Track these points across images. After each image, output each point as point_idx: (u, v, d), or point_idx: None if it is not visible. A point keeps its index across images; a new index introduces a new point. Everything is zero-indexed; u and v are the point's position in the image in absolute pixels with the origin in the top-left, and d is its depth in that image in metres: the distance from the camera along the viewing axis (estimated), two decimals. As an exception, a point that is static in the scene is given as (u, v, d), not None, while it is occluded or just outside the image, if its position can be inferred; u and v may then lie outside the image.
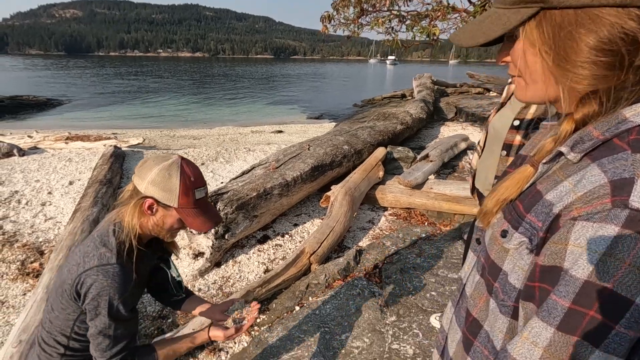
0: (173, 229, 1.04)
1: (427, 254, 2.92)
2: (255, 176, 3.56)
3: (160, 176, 0.98)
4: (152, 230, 1.04)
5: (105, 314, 0.94)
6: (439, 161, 4.47)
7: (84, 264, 0.95)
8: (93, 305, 0.94)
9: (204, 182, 1.06)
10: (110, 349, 0.98)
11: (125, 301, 0.96)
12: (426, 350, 1.95)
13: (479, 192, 1.44)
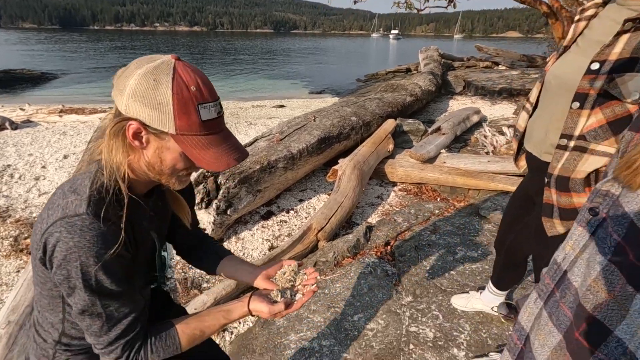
0: (177, 170, 0.71)
1: (442, 231, 2.75)
2: (258, 149, 3.35)
3: (144, 84, 0.63)
4: (149, 173, 0.72)
5: (81, 286, 0.66)
6: (452, 134, 4.24)
7: (47, 219, 0.67)
8: (62, 275, 0.66)
9: (214, 94, 0.70)
10: (107, 332, 0.71)
11: (109, 267, 0.67)
12: (448, 334, 1.80)
13: (531, 157, 1.22)
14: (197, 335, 0.79)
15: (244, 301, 0.83)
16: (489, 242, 2.53)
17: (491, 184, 3.31)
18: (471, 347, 1.72)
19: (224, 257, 0.99)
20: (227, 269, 0.97)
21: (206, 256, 1.00)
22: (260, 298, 0.83)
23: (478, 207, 3.02)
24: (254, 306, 0.82)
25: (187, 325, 0.79)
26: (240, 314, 0.83)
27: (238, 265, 0.96)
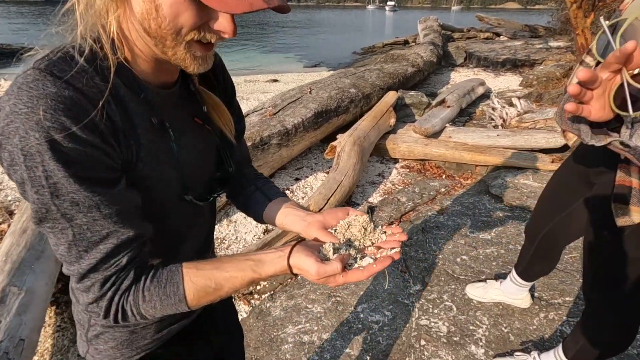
0: (182, 27, 0.48)
1: (450, 211, 2.54)
2: (250, 124, 3.07)
3: None
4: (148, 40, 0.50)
5: (26, 176, 0.45)
6: (457, 107, 3.97)
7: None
8: (6, 162, 0.45)
9: None
10: (77, 259, 0.50)
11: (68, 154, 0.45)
12: (464, 328, 1.61)
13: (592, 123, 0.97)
14: (210, 288, 0.54)
15: (283, 251, 0.56)
16: (503, 223, 2.33)
17: (501, 160, 3.08)
18: (491, 343, 1.54)
19: (273, 198, 0.75)
20: (273, 214, 0.72)
21: (254, 198, 0.77)
22: (308, 251, 0.54)
23: (488, 185, 2.80)
24: (296, 260, 0.54)
25: (199, 272, 0.54)
26: (277, 269, 0.55)
27: (287, 210, 0.70)
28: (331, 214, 0.66)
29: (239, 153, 0.81)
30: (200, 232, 0.74)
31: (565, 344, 1.20)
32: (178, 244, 0.68)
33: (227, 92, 0.74)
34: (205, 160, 0.68)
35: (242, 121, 0.80)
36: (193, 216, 0.69)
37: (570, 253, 2.00)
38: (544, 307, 1.67)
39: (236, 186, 0.82)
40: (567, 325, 1.57)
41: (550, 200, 1.23)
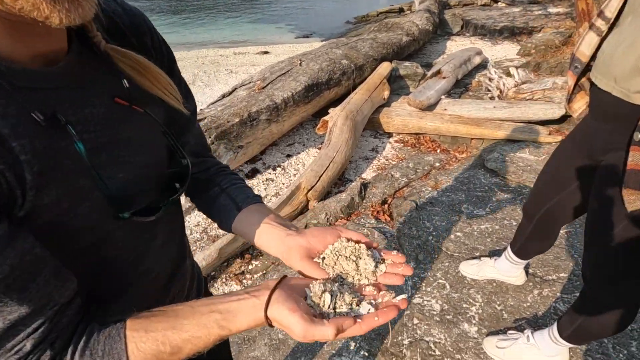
0: None
1: (444, 187, 2.48)
2: (237, 99, 2.94)
3: None
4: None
5: None
6: (453, 78, 3.84)
7: None
8: None
9: None
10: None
11: None
12: (457, 306, 1.59)
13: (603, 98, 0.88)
14: (164, 354, 0.41)
15: (259, 297, 0.43)
16: (499, 198, 2.28)
17: (497, 133, 3.00)
18: (484, 321, 1.52)
19: (243, 207, 0.60)
20: (245, 228, 0.58)
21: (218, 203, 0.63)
22: (291, 300, 0.43)
23: (483, 159, 2.74)
24: (277, 314, 0.42)
25: (148, 335, 0.41)
26: (250, 322, 0.43)
27: (263, 227, 0.56)
28: (318, 237, 0.52)
29: (194, 140, 0.65)
30: (161, 256, 0.56)
31: (561, 323, 1.17)
32: (128, 281, 0.52)
33: (163, 62, 0.55)
34: (145, 154, 0.50)
35: (191, 99, 0.62)
36: (144, 237, 0.52)
37: (565, 228, 1.96)
38: (538, 283, 1.65)
39: (196, 185, 0.66)
40: (561, 302, 1.56)
41: (551, 178, 1.16)
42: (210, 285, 2.12)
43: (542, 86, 3.23)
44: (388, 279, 0.49)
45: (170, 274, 0.60)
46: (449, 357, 1.41)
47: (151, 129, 0.51)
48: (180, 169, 0.55)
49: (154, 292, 0.57)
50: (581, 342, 1.16)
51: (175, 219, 0.61)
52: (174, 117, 0.55)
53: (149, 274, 0.55)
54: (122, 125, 0.47)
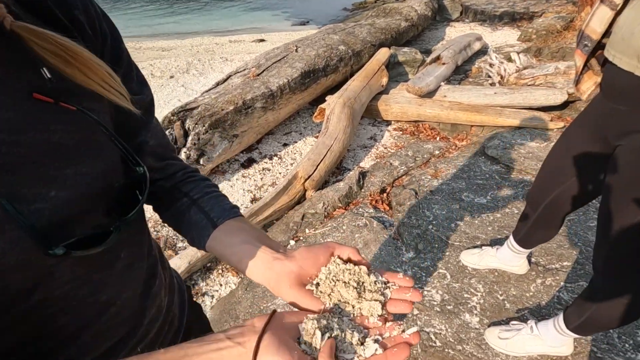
0: None
1: (444, 175, 2.43)
2: (232, 86, 2.86)
3: None
4: None
5: None
6: (453, 64, 3.76)
7: None
8: None
9: None
10: None
11: None
12: (458, 296, 1.56)
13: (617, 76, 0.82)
14: None
15: (243, 344, 0.36)
16: (500, 186, 2.23)
17: (498, 119, 2.94)
18: (486, 311, 1.48)
19: (219, 223, 0.51)
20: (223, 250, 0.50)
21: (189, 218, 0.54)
22: (284, 348, 0.36)
23: (484, 146, 2.68)
24: None
25: None
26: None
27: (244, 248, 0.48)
28: (308, 259, 0.45)
29: (153, 140, 0.52)
30: (126, 279, 0.46)
31: (567, 315, 1.13)
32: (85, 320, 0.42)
33: (104, 44, 0.43)
34: (83, 164, 0.38)
35: (146, 89, 0.50)
36: (101, 264, 0.42)
37: (568, 216, 1.92)
38: (541, 272, 1.61)
39: (160, 195, 0.56)
40: (565, 291, 1.52)
41: (557, 164, 1.11)
42: (206, 277, 2.09)
43: (544, 71, 3.16)
44: (394, 306, 0.42)
45: (142, 295, 0.50)
46: (450, 348, 1.38)
47: (91, 131, 0.39)
48: (134, 179, 0.43)
49: (123, 321, 0.47)
50: (588, 333, 1.12)
51: (140, 230, 0.51)
52: (124, 113, 0.44)
53: (112, 305, 0.45)
54: (45, 128, 0.35)
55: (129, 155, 0.43)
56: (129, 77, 0.47)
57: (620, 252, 0.88)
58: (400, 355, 0.37)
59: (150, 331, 0.52)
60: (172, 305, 0.59)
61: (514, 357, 1.30)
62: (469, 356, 1.34)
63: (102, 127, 0.40)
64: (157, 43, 9.44)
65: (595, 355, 1.27)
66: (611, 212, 0.86)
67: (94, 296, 0.42)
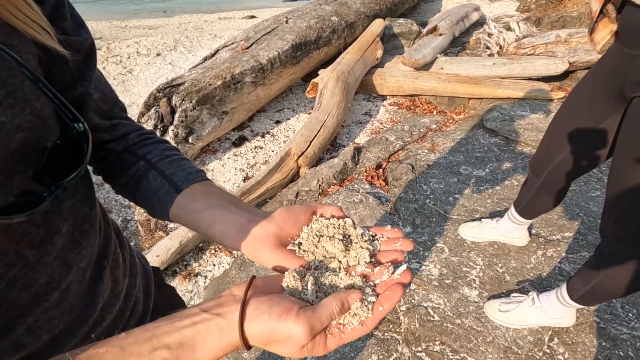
0: None
1: (442, 148, 2.36)
2: (219, 60, 2.73)
3: None
4: None
5: None
6: (450, 35, 3.62)
7: None
8: None
9: None
10: None
11: None
12: (457, 270, 1.51)
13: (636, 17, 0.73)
14: None
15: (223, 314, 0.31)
16: (499, 158, 2.17)
17: (497, 91, 2.85)
18: (485, 284, 1.44)
19: (184, 187, 0.45)
20: (190, 217, 0.43)
21: (146, 184, 0.47)
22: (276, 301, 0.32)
23: (482, 119, 2.60)
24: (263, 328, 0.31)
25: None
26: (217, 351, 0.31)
27: (215, 212, 0.42)
28: (289, 218, 0.40)
29: (97, 93, 0.44)
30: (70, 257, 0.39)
31: (571, 285, 1.09)
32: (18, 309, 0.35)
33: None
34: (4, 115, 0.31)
35: (83, 30, 0.42)
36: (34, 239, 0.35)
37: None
38: (542, 244, 1.57)
39: (109, 159, 0.49)
40: (566, 262, 1.48)
41: (564, 126, 1.03)
42: (199, 257, 2.03)
43: (545, 40, 3.04)
44: (385, 257, 0.39)
45: (92, 278, 0.43)
46: (448, 322, 1.34)
47: (8, 73, 0.31)
48: (72, 137, 0.36)
49: (70, 308, 0.40)
50: (593, 303, 1.08)
51: (87, 201, 0.43)
52: (55, 58, 0.37)
53: (53, 290, 0.38)
54: None
55: (62, 107, 0.35)
56: (59, 13, 0.38)
57: (632, 216, 0.82)
58: (393, 297, 0.34)
59: (105, 317, 0.45)
60: (133, 289, 0.52)
61: (514, 329, 1.27)
62: (468, 330, 1.30)
63: (25, 69, 0.32)
64: (143, 21, 9.13)
65: (598, 325, 1.24)
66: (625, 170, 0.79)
67: (28, 278, 0.35)
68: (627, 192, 0.80)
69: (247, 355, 1.37)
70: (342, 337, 0.33)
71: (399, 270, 0.36)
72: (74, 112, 0.36)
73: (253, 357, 1.37)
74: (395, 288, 0.35)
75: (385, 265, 0.37)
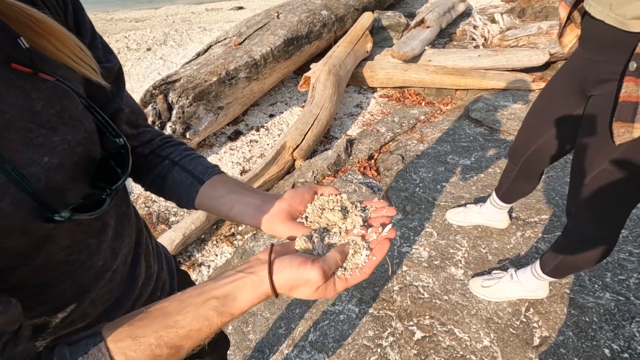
0: None
1: (430, 139, 2.48)
2: (213, 56, 2.79)
3: None
4: None
5: None
6: (437, 27, 3.71)
7: None
8: None
9: None
10: None
11: None
12: (444, 252, 1.65)
13: (596, 28, 0.85)
14: (162, 357, 0.36)
15: (256, 272, 0.40)
16: (483, 147, 2.30)
17: (482, 82, 2.97)
18: (470, 264, 1.58)
19: (205, 179, 0.53)
20: (213, 202, 0.52)
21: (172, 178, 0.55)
22: (294, 258, 0.40)
23: (468, 109, 2.73)
24: (287, 277, 0.39)
25: (136, 342, 0.35)
26: (254, 298, 0.40)
27: (233, 197, 0.50)
28: (296, 197, 0.49)
29: (127, 107, 0.53)
30: (116, 247, 0.49)
31: (543, 260, 1.22)
32: (84, 286, 0.45)
33: (66, 12, 0.43)
34: (66, 133, 0.39)
35: (111, 55, 0.50)
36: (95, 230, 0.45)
37: (546, 172, 2.01)
38: (521, 226, 1.71)
39: (139, 161, 0.57)
40: (542, 242, 1.63)
41: (538, 117, 1.16)
42: (201, 248, 2.13)
43: (527, 32, 3.17)
44: (375, 222, 0.48)
45: (132, 262, 0.53)
46: (437, 299, 1.48)
47: (69, 100, 0.40)
48: (115, 150, 0.44)
49: (117, 286, 0.50)
50: (562, 275, 1.22)
51: (124, 201, 0.53)
52: (95, 84, 0.44)
53: (106, 271, 0.47)
54: (27, 96, 0.36)
55: (107, 127, 0.44)
56: (93, 45, 0.47)
57: (591, 197, 0.95)
58: (383, 249, 0.44)
59: (142, 295, 0.56)
60: (161, 272, 0.63)
61: (495, 302, 1.41)
62: (454, 305, 1.44)
63: (81, 98, 0.41)
64: (129, 14, 8.97)
65: (568, 296, 1.39)
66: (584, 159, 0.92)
67: (92, 261, 0.45)
68: (586, 178, 0.93)
69: (253, 334, 1.49)
70: (347, 281, 0.42)
71: (385, 230, 0.46)
72: (115, 129, 0.45)
73: (258, 338, 1.49)
74: (383, 242, 0.44)
75: (375, 227, 0.47)
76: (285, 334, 1.48)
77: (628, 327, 1.27)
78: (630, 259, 1.48)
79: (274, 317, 1.55)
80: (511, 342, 1.30)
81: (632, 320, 1.29)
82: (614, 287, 1.40)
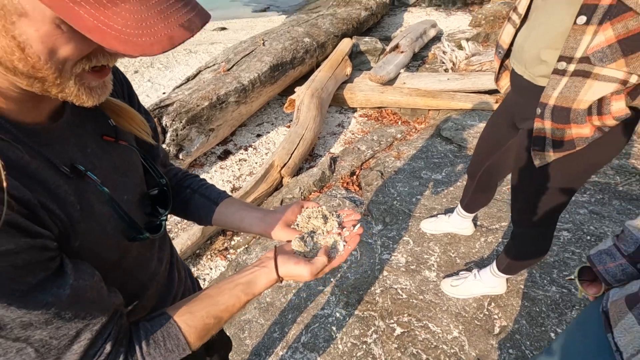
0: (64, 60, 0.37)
1: (406, 156, 2.73)
2: (204, 82, 2.98)
3: None
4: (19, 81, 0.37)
5: None
6: (410, 51, 4.04)
7: None
8: None
9: None
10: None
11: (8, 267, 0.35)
12: (419, 258, 1.87)
13: (518, 78, 1.11)
14: (210, 325, 0.54)
15: (267, 265, 0.59)
16: (452, 163, 2.56)
17: (451, 103, 3.27)
18: (441, 267, 1.80)
19: (219, 201, 0.72)
20: (226, 218, 0.71)
21: (194, 203, 0.73)
22: (291, 257, 0.60)
23: (439, 128, 3.00)
24: (287, 270, 0.58)
25: (194, 315, 0.53)
26: (267, 283, 0.58)
27: (242, 212, 0.70)
28: (288, 211, 0.68)
29: (162, 152, 0.74)
30: (160, 260, 0.68)
31: (498, 260, 1.46)
32: (145, 286, 0.64)
33: (123, 90, 0.62)
34: (134, 182, 0.59)
35: (149, 116, 0.67)
36: (151, 247, 0.64)
37: (506, 185, 2.28)
38: (484, 233, 1.95)
39: None
40: (502, 245, 1.87)
41: (486, 142, 1.41)
42: (197, 262, 2.27)
43: (490, 57, 3.51)
44: (347, 224, 0.68)
45: (169, 269, 0.72)
46: (413, 298, 1.68)
47: (133, 157, 0.60)
48: (161, 188, 0.64)
49: (160, 289, 0.69)
50: (514, 272, 1.46)
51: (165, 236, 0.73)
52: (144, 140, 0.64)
53: (155, 277, 0.66)
54: (112, 156, 0.55)
55: (155, 171, 0.63)
56: (140, 111, 0.65)
57: (526, 206, 1.19)
58: (355, 240, 0.63)
59: (178, 295, 0.75)
60: (186, 278, 0.83)
61: (463, 299, 1.63)
62: (428, 303, 1.65)
63: (141, 156, 0.62)
64: (112, 34, 9.03)
65: (522, 290, 1.63)
66: (519, 177, 1.17)
67: (147, 267, 0.64)
68: (523, 192, 1.18)
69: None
70: (331, 265, 0.61)
71: (355, 229, 0.66)
72: (160, 172, 0.65)
73: (254, 342, 1.65)
74: (355, 237, 0.64)
75: (348, 227, 0.67)
76: (280, 337, 1.64)
77: (569, 314, 1.52)
78: (572, 257, 1.74)
79: (268, 322, 1.71)
80: (476, 332, 1.52)
81: (573, 309, 1.54)
82: (559, 281, 1.65)
